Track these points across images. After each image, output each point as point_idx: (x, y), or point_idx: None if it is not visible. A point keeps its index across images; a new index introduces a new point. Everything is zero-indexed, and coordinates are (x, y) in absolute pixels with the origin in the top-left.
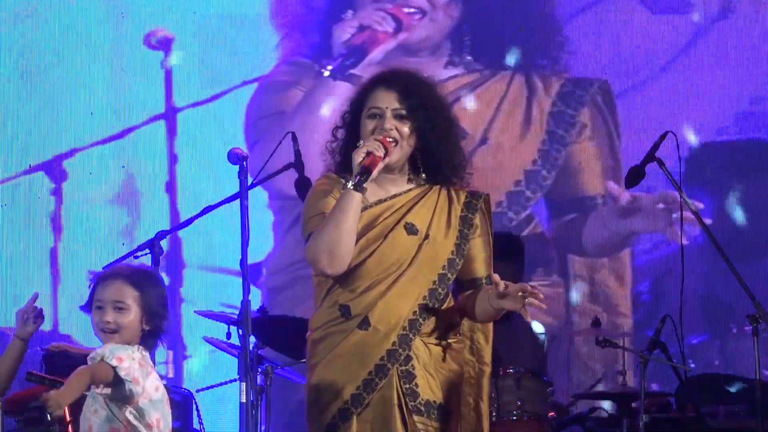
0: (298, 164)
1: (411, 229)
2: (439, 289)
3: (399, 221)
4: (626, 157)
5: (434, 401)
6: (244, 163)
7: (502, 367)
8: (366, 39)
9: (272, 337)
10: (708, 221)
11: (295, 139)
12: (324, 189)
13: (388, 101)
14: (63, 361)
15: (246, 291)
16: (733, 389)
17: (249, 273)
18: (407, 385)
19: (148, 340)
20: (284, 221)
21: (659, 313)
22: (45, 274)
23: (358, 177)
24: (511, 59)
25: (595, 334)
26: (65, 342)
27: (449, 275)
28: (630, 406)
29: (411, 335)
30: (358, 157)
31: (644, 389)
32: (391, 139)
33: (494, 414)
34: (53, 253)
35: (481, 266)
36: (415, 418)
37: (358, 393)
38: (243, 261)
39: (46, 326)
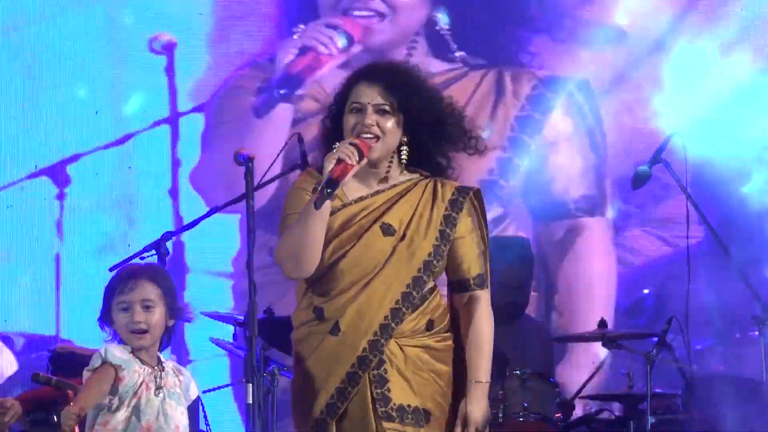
0: (304, 165)
1: (387, 230)
2: (413, 293)
3: (376, 221)
4: (614, 153)
5: (409, 405)
6: (251, 164)
7: (508, 368)
8: (306, 65)
9: (279, 339)
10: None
11: (301, 140)
12: (302, 187)
13: (370, 96)
14: (70, 361)
15: (252, 292)
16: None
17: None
18: (378, 390)
19: (165, 335)
20: None
21: (662, 318)
22: (48, 279)
23: (321, 190)
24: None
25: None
26: (71, 343)
27: (425, 278)
28: (637, 408)
29: (383, 340)
30: (328, 164)
31: (650, 390)
32: (371, 136)
33: (500, 415)
34: (57, 258)
35: (472, 265)
36: (385, 425)
37: (332, 402)
38: (249, 262)
39: (50, 331)
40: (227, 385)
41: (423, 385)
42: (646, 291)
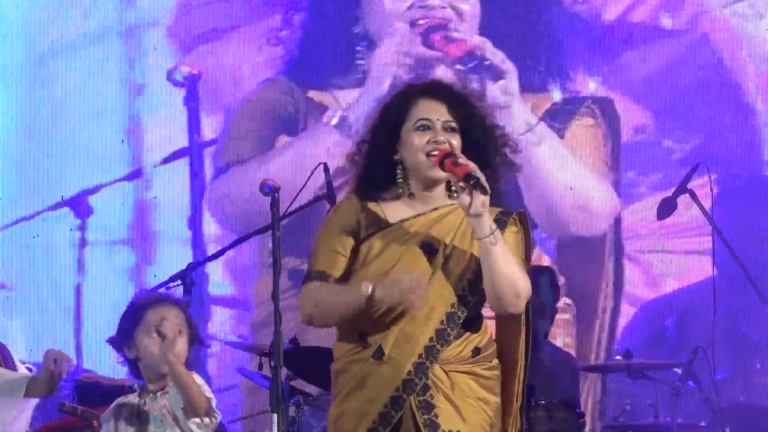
0: (329, 196)
1: (429, 249)
2: (459, 313)
3: (417, 241)
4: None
5: (459, 431)
6: (276, 194)
7: (534, 397)
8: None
9: (304, 369)
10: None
11: (326, 170)
12: (341, 220)
13: (438, 112)
14: (94, 391)
15: (277, 322)
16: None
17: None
18: (426, 416)
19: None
20: None
21: (684, 348)
22: (69, 309)
23: (474, 185)
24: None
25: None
26: (96, 373)
27: (470, 297)
28: None
29: (428, 363)
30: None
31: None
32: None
33: None
34: (77, 288)
35: None
36: None
37: (374, 427)
38: (275, 292)
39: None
40: (252, 416)
41: (472, 412)
42: (668, 321)
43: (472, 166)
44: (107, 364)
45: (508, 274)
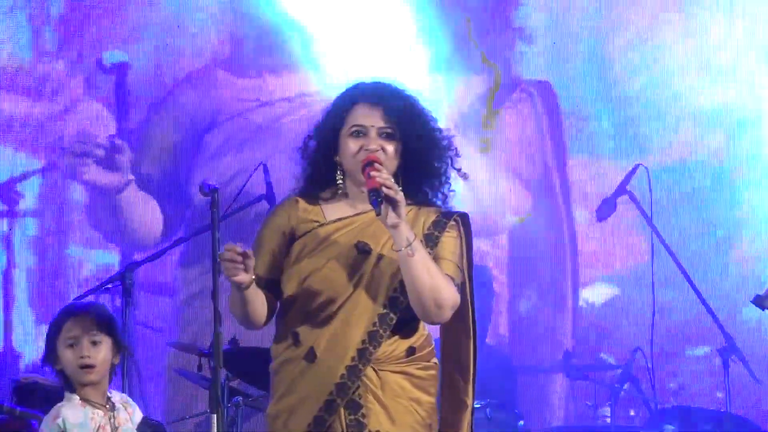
0: (269, 196)
1: (363, 248)
2: (391, 314)
3: (352, 240)
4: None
5: None
6: (216, 195)
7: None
8: None
9: (244, 369)
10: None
11: (266, 170)
12: (278, 220)
13: (372, 119)
14: (33, 392)
15: (217, 322)
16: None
17: None
18: (352, 416)
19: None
20: None
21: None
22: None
23: (376, 203)
24: None
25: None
26: (36, 374)
27: (402, 298)
28: None
29: (361, 366)
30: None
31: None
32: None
33: None
34: (5, 274)
35: None
36: None
37: (308, 431)
38: (214, 292)
39: None
40: (191, 417)
41: (402, 413)
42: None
43: (382, 179)
44: (37, 349)
45: (429, 284)
